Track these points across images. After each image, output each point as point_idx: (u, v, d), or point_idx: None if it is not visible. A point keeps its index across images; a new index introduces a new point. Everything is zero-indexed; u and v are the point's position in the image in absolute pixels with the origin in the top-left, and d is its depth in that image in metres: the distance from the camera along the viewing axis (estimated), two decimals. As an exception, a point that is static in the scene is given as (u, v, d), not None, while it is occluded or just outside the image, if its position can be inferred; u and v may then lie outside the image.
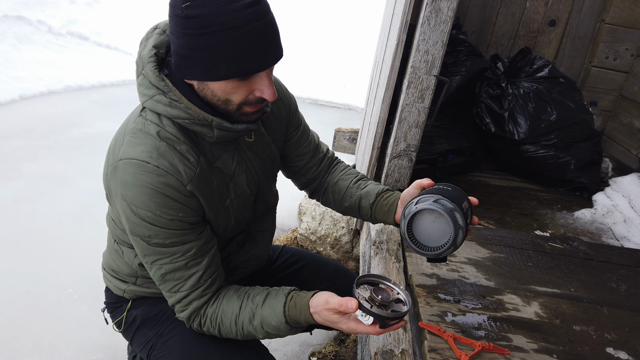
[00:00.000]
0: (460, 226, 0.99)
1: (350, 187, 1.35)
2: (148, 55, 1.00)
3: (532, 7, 2.67)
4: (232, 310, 1.09)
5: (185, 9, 0.88)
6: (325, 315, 1.01)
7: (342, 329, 1.02)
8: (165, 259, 1.05)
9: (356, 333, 1.04)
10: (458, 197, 1.04)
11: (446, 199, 1.01)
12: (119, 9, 7.78)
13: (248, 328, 1.09)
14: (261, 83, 0.98)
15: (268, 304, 1.08)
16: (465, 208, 1.04)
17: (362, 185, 1.35)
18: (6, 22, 5.87)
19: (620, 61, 2.63)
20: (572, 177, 2.23)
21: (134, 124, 1.04)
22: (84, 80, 5.35)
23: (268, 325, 1.07)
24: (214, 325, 1.11)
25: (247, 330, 1.09)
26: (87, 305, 2.22)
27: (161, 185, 0.98)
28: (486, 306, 1.29)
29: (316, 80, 6.91)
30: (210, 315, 1.11)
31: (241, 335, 1.11)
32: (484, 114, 2.36)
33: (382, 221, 1.30)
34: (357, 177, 1.38)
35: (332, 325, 1.03)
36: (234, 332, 1.11)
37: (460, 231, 0.99)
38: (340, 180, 1.38)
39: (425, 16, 1.59)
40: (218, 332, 1.12)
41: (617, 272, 1.54)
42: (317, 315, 1.03)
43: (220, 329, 1.11)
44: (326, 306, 1.01)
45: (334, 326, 1.03)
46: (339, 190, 1.37)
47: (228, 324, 1.10)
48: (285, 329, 1.07)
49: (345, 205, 1.36)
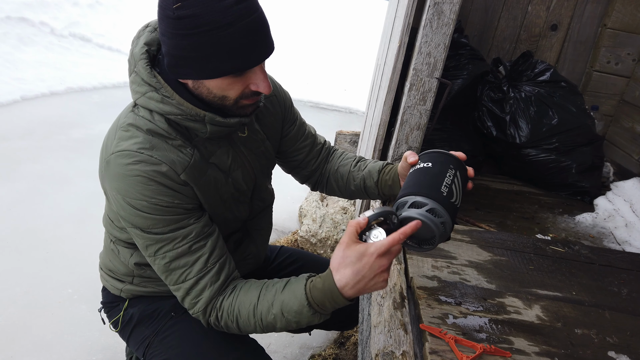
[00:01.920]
0: (444, 222, 0.98)
1: (352, 171, 1.36)
2: (140, 53, 1.01)
3: (534, 12, 2.67)
4: (250, 300, 1.04)
5: (177, 9, 0.88)
6: (349, 256, 0.90)
7: (380, 266, 0.90)
8: (167, 245, 1.03)
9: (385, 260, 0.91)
10: (438, 177, 1.01)
11: (422, 196, 0.97)
12: (121, 11, 7.80)
13: (267, 318, 1.02)
14: (256, 77, 1.00)
15: (288, 289, 1.02)
16: (448, 185, 1.01)
17: (362, 166, 1.36)
18: (9, 24, 5.89)
19: (622, 66, 2.64)
20: (574, 181, 2.23)
21: (125, 119, 1.04)
22: (86, 81, 5.37)
23: (289, 311, 1.00)
24: (232, 319, 1.06)
25: (267, 321, 1.03)
26: (86, 306, 2.22)
27: (154, 174, 0.98)
28: (487, 309, 1.28)
29: (317, 84, 6.92)
30: (227, 308, 1.06)
31: (260, 327, 1.05)
32: (486, 117, 2.36)
33: (391, 195, 1.31)
34: (356, 160, 1.39)
35: (361, 271, 0.90)
36: (253, 324, 1.05)
37: (446, 225, 0.99)
38: (340, 167, 1.39)
39: (428, 19, 1.59)
40: (237, 325, 1.07)
41: (619, 276, 1.53)
42: (345, 270, 0.91)
43: (239, 322, 1.06)
44: (342, 245, 0.92)
45: (363, 272, 0.90)
46: (342, 177, 1.38)
47: (246, 315, 1.04)
48: (308, 313, 0.98)
49: (351, 189, 1.37)
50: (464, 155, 1.08)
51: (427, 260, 1.47)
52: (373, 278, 0.91)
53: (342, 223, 2.67)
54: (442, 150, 1.10)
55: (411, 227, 0.92)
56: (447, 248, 1.56)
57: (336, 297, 0.94)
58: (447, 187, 1.01)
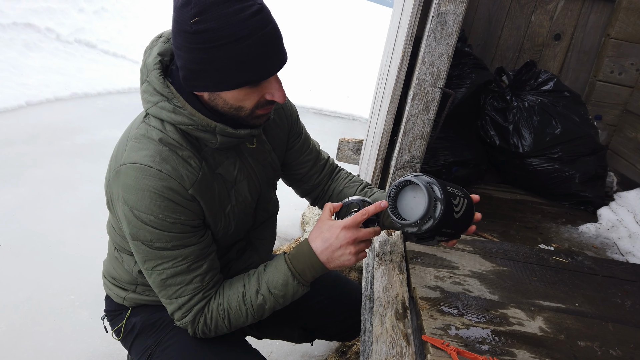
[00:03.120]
0: (437, 197, 0.97)
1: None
2: (153, 63, 1.02)
3: (537, 21, 2.68)
4: (237, 291, 1.11)
5: (194, 24, 0.89)
6: (320, 227, 1.06)
7: (345, 238, 1.03)
8: (166, 263, 1.05)
9: (350, 234, 1.04)
10: (446, 184, 1.02)
11: (428, 175, 0.99)
12: (126, 18, 7.86)
13: (257, 301, 1.10)
14: (271, 87, 1.01)
15: (269, 268, 1.11)
16: (451, 191, 1.01)
17: (368, 193, 1.36)
18: (15, 30, 5.94)
19: (625, 76, 2.64)
20: (577, 191, 2.22)
21: (136, 130, 1.05)
22: (90, 87, 5.40)
23: (275, 286, 1.09)
24: (223, 315, 1.11)
25: (257, 304, 1.10)
26: (88, 313, 2.22)
27: (164, 189, 0.99)
28: (490, 320, 1.28)
29: (320, 91, 6.95)
30: (216, 307, 1.11)
31: (251, 314, 1.11)
32: (489, 126, 2.36)
33: (391, 227, 1.32)
34: (362, 185, 1.39)
35: (329, 239, 1.04)
36: (244, 313, 1.11)
37: (438, 202, 0.97)
38: (345, 189, 1.39)
39: (431, 29, 1.60)
40: (228, 322, 1.12)
41: (622, 287, 1.52)
42: (317, 239, 1.05)
43: (230, 316, 1.11)
44: (318, 222, 1.07)
45: (330, 240, 1.04)
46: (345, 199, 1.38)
47: (236, 305, 1.10)
48: (293, 283, 1.08)
49: (352, 213, 1.37)
50: (477, 197, 1.16)
51: (430, 270, 1.47)
52: (339, 248, 1.04)
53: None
54: None
55: (375, 206, 1.00)
56: (449, 258, 1.56)
57: (314, 262, 1.07)
58: (453, 194, 1.02)
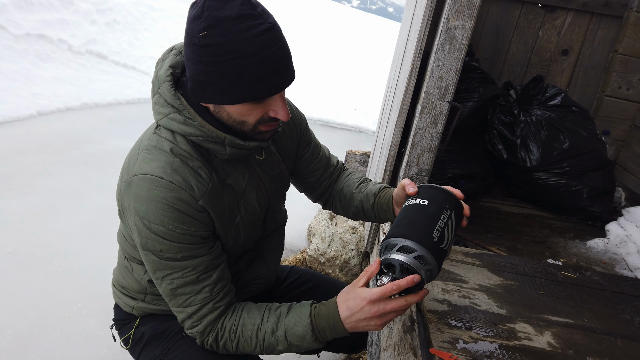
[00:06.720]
0: (427, 270, 0.98)
1: (354, 192, 1.37)
2: (164, 75, 1.04)
3: (545, 36, 2.70)
4: (254, 321, 1.09)
5: (203, 37, 0.91)
6: (350, 293, 1.01)
7: (369, 312, 0.98)
8: (176, 273, 1.06)
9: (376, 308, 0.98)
10: (432, 219, 1.01)
11: (412, 241, 0.98)
12: (137, 30, 7.97)
13: (270, 339, 1.07)
14: (275, 104, 1.02)
15: (292, 313, 1.08)
16: (440, 229, 1.00)
17: (362, 188, 1.37)
18: (28, 40, 6.04)
19: (633, 91, 2.64)
20: (585, 206, 2.22)
21: (148, 141, 1.07)
22: (101, 97, 5.47)
23: (292, 335, 1.05)
24: (233, 338, 1.10)
25: (268, 342, 1.08)
26: (95, 321, 2.23)
27: (174, 200, 1.01)
28: (498, 334, 1.28)
29: (328, 102, 6.98)
30: (229, 327, 1.10)
31: (260, 348, 1.10)
32: (496, 140, 2.37)
33: (387, 219, 1.31)
34: (359, 181, 1.40)
35: (354, 310, 0.99)
36: (253, 345, 1.09)
37: (428, 273, 0.98)
38: (344, 187, 1.41)
39: (440, 43, 1.62)
40: (236, 345, 1.11)
41: (631, 303, 1.51)
42: (343, 305, 1.01)
43: (239, 342, 1.10)
44: (352, 284, 1.02)
45: (355, 311, 0.99)
46: (344, 196, 1.39)
47: (249, 335, 1.08)
48: (310, 339, 1.05)
49: (352, 210, 1.39)
50: (462, 194, 1.09)
51: (437, 283, 1.47)
52: (363, 320, 0.99)
53: (351, 242, 2.66)
54: (440, 187, 1.08)
55: (407, 280, 0.96)
56: (457, 271, 1.56)
57: (338, 325, 1.02)
58: (439, 232, 1.00)
